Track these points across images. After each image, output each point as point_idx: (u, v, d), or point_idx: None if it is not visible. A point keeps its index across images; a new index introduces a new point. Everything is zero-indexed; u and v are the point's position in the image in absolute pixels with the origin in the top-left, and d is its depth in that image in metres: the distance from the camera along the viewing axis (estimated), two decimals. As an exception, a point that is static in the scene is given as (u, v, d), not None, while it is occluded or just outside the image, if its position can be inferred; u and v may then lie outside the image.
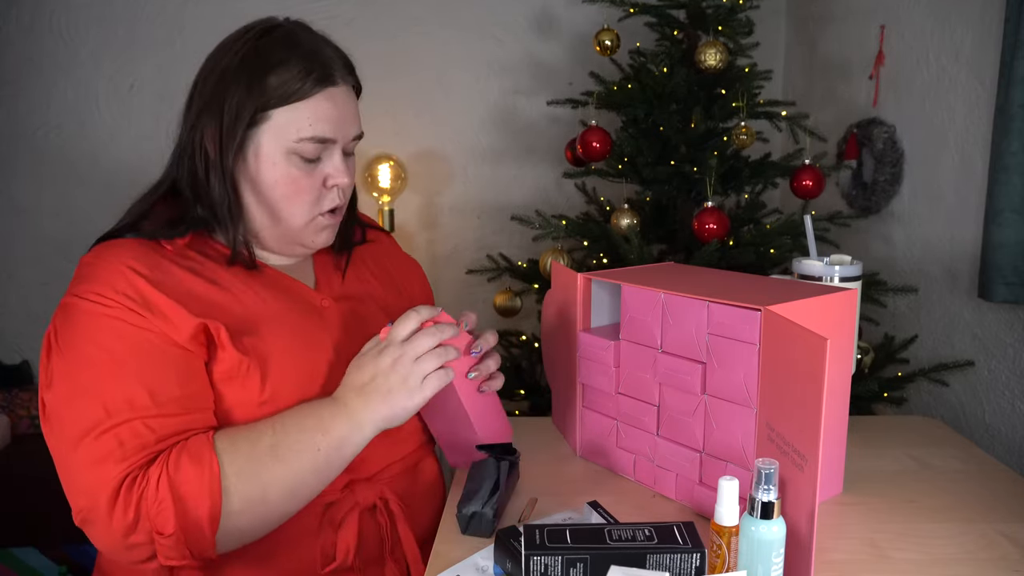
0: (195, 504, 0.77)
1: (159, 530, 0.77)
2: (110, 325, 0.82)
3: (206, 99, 0.89)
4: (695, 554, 0.71)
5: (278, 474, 0.81)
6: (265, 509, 0.81)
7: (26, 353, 2.60)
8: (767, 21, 2.44)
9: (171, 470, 0.78)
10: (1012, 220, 1.50)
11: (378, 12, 2.50)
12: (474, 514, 0.86)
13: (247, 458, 0.80)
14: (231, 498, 0.79)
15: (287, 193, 0.90)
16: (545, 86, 2.59)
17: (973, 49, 1.72)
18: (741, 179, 1.87)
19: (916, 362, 1.87)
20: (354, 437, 0.84)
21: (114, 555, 0.81)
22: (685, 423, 0.92)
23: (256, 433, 0.82)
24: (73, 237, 2.55)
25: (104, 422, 0.79)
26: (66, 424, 0.80)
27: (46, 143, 2.50)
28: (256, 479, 0.80)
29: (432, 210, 2.66)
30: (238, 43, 0.90)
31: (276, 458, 0.81)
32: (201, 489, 0.77)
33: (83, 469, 0.78)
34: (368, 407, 0.84)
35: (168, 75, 2.48)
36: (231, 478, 0.79)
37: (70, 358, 0.82)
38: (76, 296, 0.85)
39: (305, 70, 0.87)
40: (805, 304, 0.85)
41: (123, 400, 0.80)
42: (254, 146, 0.89)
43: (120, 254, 0.88)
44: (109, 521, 0.77)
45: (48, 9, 2.44)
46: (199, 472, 0.78)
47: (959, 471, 1.03)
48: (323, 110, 0.89)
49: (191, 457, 0.79)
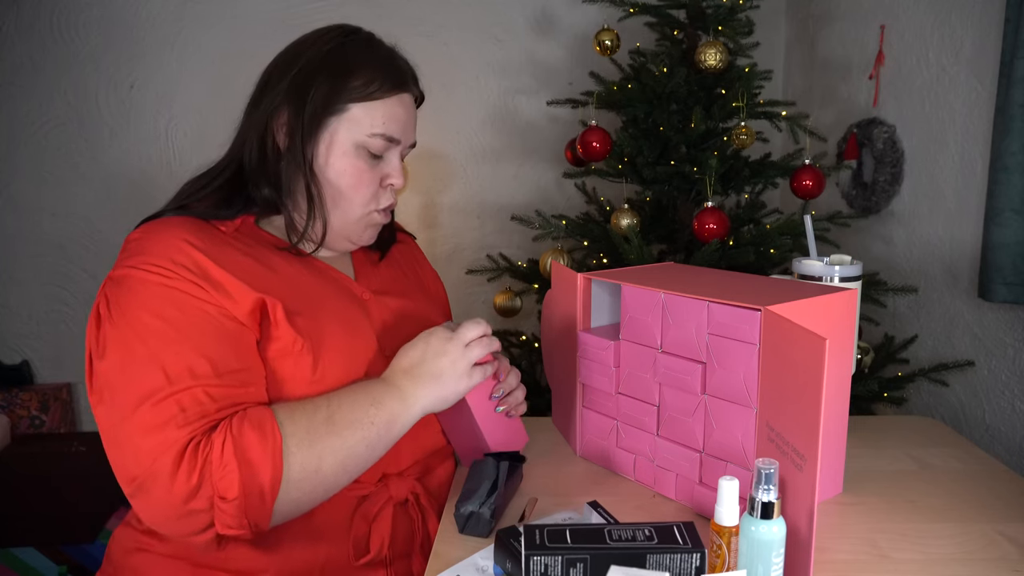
0: (259, 469, 0.78)
1: (222, 494, 0.77)
2: (169, 295, 0.83)
3: (285, 88, 0.92)
4: (695, 554, 0.71)
5: (334, 445, 0.82)
6: (319, 479, 0.82)
7: (26, 353, 2.61)
8: (767, 21, 2.45)
9: (235, 435, 0.78)
10: (1012, 220, 1.50)
11: (379, 13, 2.50)
12: (472, 514, 0.86)
13: (306, 429, 0.82)
14: (291, 466, 0.80)
15: (352, 183, 0.95)
16: (545, 86, 2.59)
17: (973, 49, 1.72)
18: (741, 179, 1.87)
19: (916, 362, 1.87)
20: (404, 415, 0.87)
21: (168, 524, 0.79)
22: (685, 423, 0.92)
23: (312, 406, 0.84)
24: (73, 237, 2.56)
25: (164, 388, 0.78)
26: (121, 392, 0.79)
27: (46, 143, 2.51)
28: (313, 449, 0.81)
29: (432, 210, 2.66)
30: (321, 41, 0.95)
31: (332, 430, 0.83)
32: (264, 455, 0.78)
33: (140, 435, 0.78)
34: (417, 387, 0.88)
35: (168, 75, 2.48)
36: (291, 447, 0.80)
37: (126, 327, 0.81)
38: (131, 267, 0.85)
39: (384, 74, 0.94)
40: (805, 304, 0.85)
41: (184, 368, 0.80)
42: (329, 134, 0.93)
43: (174, 229, 0.88)
44: (171, 486, 0.76)
45: (48, 9, 2.44)
46: (262, 439, 0.79)
47: (959, 471, 1.03)
48: (395, 112, 0.95)
49: (253, 425, 0.79)
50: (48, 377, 2.62)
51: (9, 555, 2.15)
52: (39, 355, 2.61)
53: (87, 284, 2.59)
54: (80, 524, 2.21)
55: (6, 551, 2.16)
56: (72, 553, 2.18)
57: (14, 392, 2.48)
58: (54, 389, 2.54)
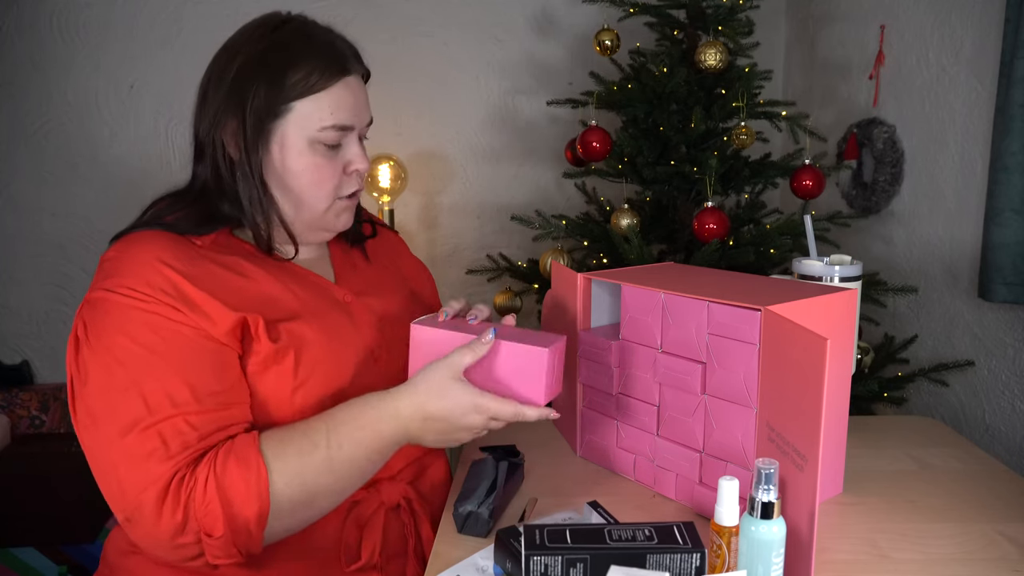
0: (242, 507, 0.77)
1: (207, 532, 0.77)
2: (145, 319, 0.81)
3: (223, 97, 0.89)
4: (695, 554, 0.71)
5: (329, 484, 0.82)
6: (312, 511, 0.83)
7: (26, 353, 2.61)
8: (767, 21, 2.44)
9: (219, 472, 0.77)
10: (1012, 220, 1.50)
11: (378, 12, 2.50)
12: (470, 513, 0.86)
13: (296, 463, 0.81)
14: (279, 502, 0.79)
15: (313, 180, 0.92)
16: (545, 86, 2.59)
17: (973, 49, 1.72)
18: (741, 179, 1.87)
19: (916, 362, 1.87)
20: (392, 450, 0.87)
21: (160, 553, 0.80)
22: (685, 423, 0.92)
23: (309, 444, 0.82)
24: (73, 237, 2.56)
25: (145, 419, 0.78)
26: (104, 421, 0.79)
27: (46, 143, 2.50)
28: (305, 488, 0.81)
29: (432, 210, 2.66)
30: (251, 40, 0.90)
31: (330, 471, 0.82)
32: (249, 493, 0.77)
33: (125, 467, 0.77)
34: (426, 435, 0.87)
35: (168, 75, 2.48)
36: (279, 484, 0.79)
37: (104, 352, 0.80)
38: (106, 291, 0.83)
39: (323, 62, 0.89)
40: (805, 304, 0.85)
41: (163, 395, 0.79)
42: (278, 137, 0.90)
43: (150, 247, 0.86)
44: (157, 521, 0.76)
45: (48, 9, 2.44)
46: (246, 475, 0.78)
47: (959, 471, 1.03)
48: (342, 99, 0.91)
49: (238, 459, 0.78)
50: (48, 377, 2.62)
51: (9, 555, 2.15)
52: (39, 355, 2.61)
53: (87, 284, 2.57)
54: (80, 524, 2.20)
55: (6, 551, 2.16)
56: (72, 553, 2.18)
57: (14, 392, 2.48)
58: (54, 389, 2.53)
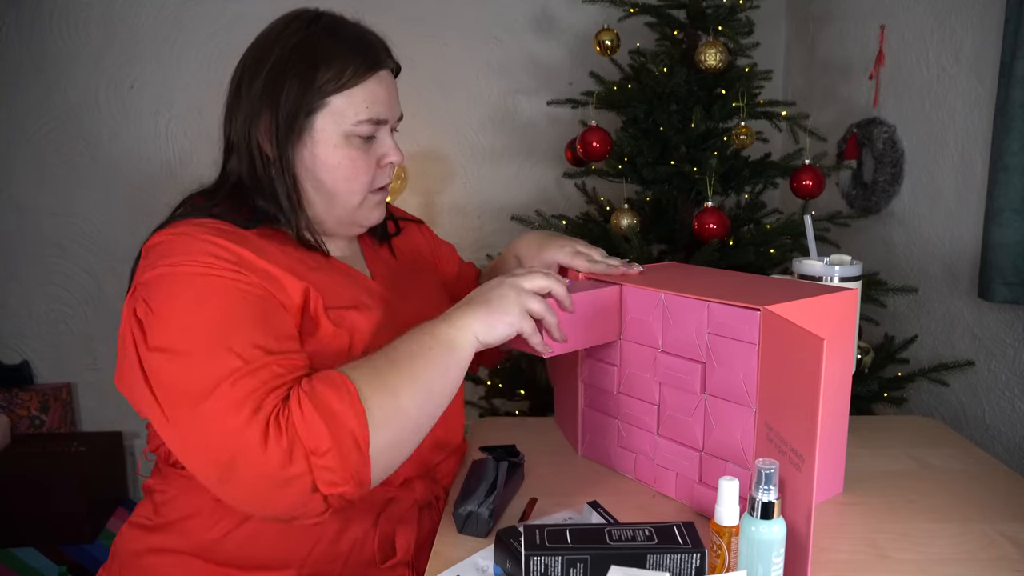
0: (343, 416, 0.76)
1: (314, 449, 0.75)
2: (217, 283, 0.81)
3: (257, 94, 0.90)
4: (695, 554, 0.71)
5: (403, 377, 0.81)
6: (403, 415, 0.80)
7: (26, 353, 2.61)
8: (767, 21, 2.44)
9: (309, 392, 0.77)
10: (1012, 220, 1.50)
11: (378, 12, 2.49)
12: (470, 514, 0.86)
13: (370, 372, 0.80)
14: (371, 408, 0.78)
15: (348, 174, 0.93)
16: (545, 86, 2.59)
17: (973, 49, 1.72)
18: (741, 179, 1.87)
19: (916, 362, 1.87)
20: (459, 339, 0.84)
21: (269, 500, 0.77)
22: (685, 422, 0.92)
23: (370, 356, 0.84)
24: (73, 237, 2.56)
25: (240, 368, 0.77)
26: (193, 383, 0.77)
27: (46, 143, 2.51)
28: (386, 386, 0.79)
29: (432, 210, 2.66)
30: (283, 36, 0.91)
31: (394, 365, 0.81)
32: (343, 403, 0.77)
33: (222, 417, 0.75)
34: (467, 314, 0.85)
35: (168, 75, 2.48)
36: (364, 390, 0.78)
37: (183, 319, 0.79)
38: (171, 266, 0.82)
39: (357, 58, 0.90)
40: (805, 304, 0.85)
41: (253, 347, 0.79)
42: (313, 133, 0.91)
43: (202, 229, 0.85)
44: (263, 456, 0.74)
45: (48, 9, 2.44)
46: (336, 389, 0.78)
47: (959, 471, 1.03)
48: (376, 92, 0.93)
49: (322, 380, 0.79)
50: (48, 377, 2.62)
51: (9, 555, 2.15)
52: (39, 355, 2.61)
53: (87, 284, 2.59)
54: (80, 524, 2.21)
55: (6, 551, 2.16)
56: (72, 553, 2.18)
57: (14, 392, 2.48)
58: (54, 389, 2.54)
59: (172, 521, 0.90)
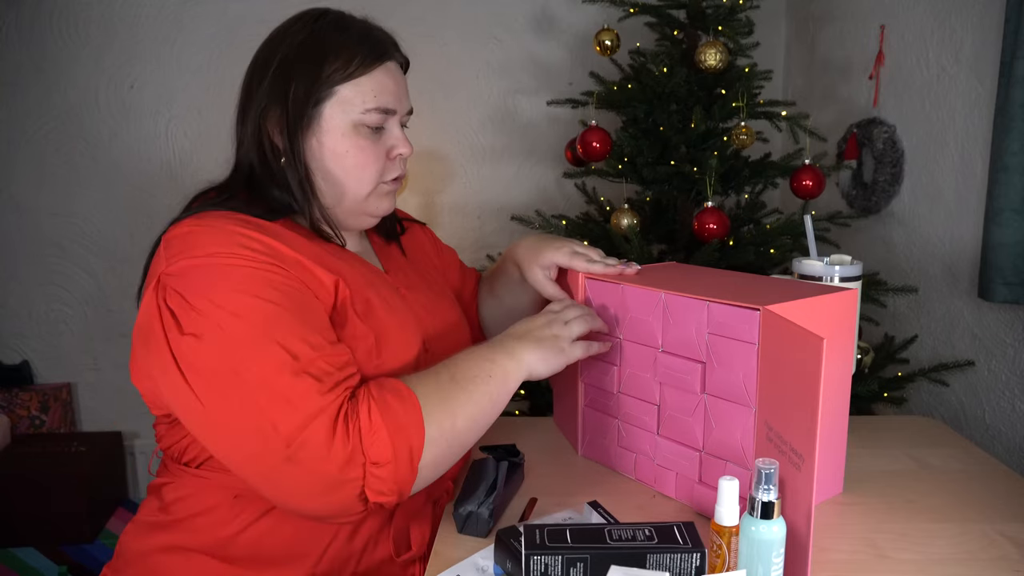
0: (406, 433, 0.78)
1: (375, 460, 0.76)
2: (254, 275, 0.81)
3: (267, 89, 0.91)
4: (695, 554, 0.71)
5: (462, 400, 0.84)
6: (455, 435, 0.83)
7: (26, 353, 2.61)
8: (767, 21, 2.45)
9: (379, 402, 0.78)
10: (1012, 220, 1.50)
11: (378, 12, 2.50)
12: (470, 514, 0.86)
13: (435, 388, 0.83)
14: (430, 425, 0.80)
15: (357, 163, 0.93)
16: (545, 86, 2.59)
17: (973, 49, 1.72)
18: (741, 179, 1.87)
19: (916, 362, 1.87)
20: (515, 371, 0.89)
21: (316, 498, 0.77)
22: (685, 422, 0.92)
23: (433, 370, 0.86)
24: (73, 237, 2.56)
25: (290, 364, 0.76)
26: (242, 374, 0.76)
27: (46, 143, 2.51)
28: (446, 406, 0.82)
29: (432, 210, 2.66)
30: (291, 32, 0.93)
31: (458, 386, 0.84)
32: (408, 418, 0.79)
33: (280, 410, 0.75)
34: (524, 348, 0.90)
35: (168, 75, 2.48)
36: (427, 407, 0.81)
37: (222, 313, 0.78)
38: (200, 258, 0.81)
39: (363, 49, 0.92)
40: (805, 304, 0.85)
41: (301, 341, 0.78)
42: (321, 122, 0.91)
43: (226, 219, 0.85)
44: (327, 454, 0.74)
45: (48, 9, 2.44)
46: (402, 402, 0.79)
47: (959, 471, 1.03)
48: (384, 82, 0.94)
49: (392, 392, 0.80)
50: (48, 377, 2.62)
51: (9, 555, 2.15)
52: (39, 355, 2.61)
53: (87, 284, 2.59)
54: (80, 524, 2.21)
55: (6, 551, 2.16)
56: (72, 553, 2.18)
57: (14, 392, 2.48)
58: (54, 389, 2.54)
59: (182, 519, 0.89)
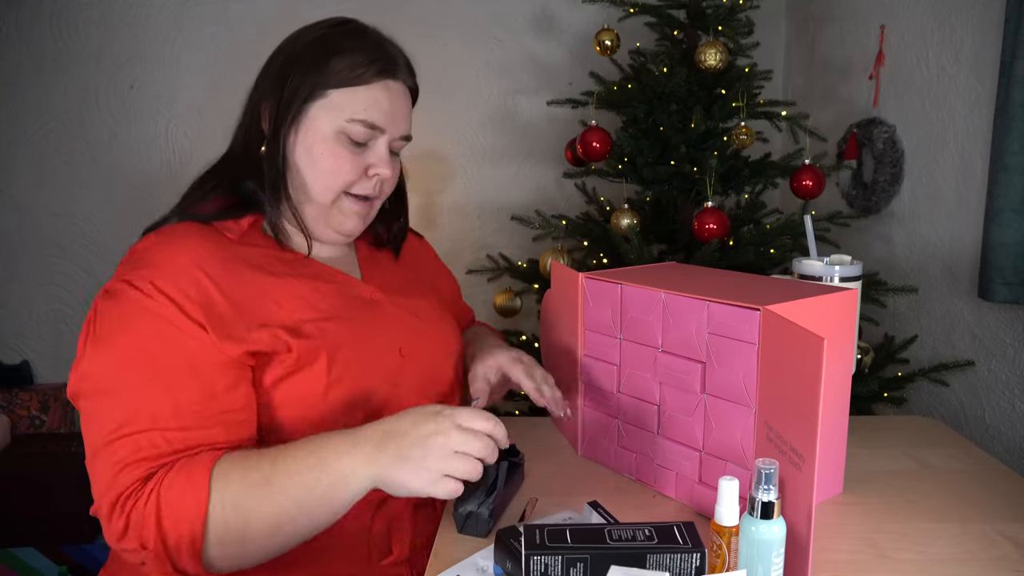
0: (174, 528, 0.76)
1: (142, 543, 0.77)
2: (152, 322, 0.81)
3: (270, 80, 0.93)
4: (695, 554, 0.71)
5: (262, 506, 0.77)
6: (251, 538, 0.78)
7: (26, 353, 2.61)
8: (767, 21, 2.44)
9: (162, 489, 0.77)
10: (1012, 220, 1.50)
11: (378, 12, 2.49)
12: (470, 514, 0.86)
13: (237, 484, 0.77)
14: (212, 528, 0.77)
15: (329, 169, 0.92)
16: (545, 86, 2.59)
17: (973, 49, 1.72)
18: (741, 179, 1.87)
19: (916, 362, 1.87)
20: (355, 484, 0.77)
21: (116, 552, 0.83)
22: (685, 422, 0.92)
23: (255, 462, 0.79)
24: (73, 237, 2.56)
25: (125, 427, 0.79)
26: (96, 419, 0.81)
27: (46, 143, 2.51)
28: (239, 508, 0.77)
29: (432, 210, 2.66)
30: (308, 32, 0.95)
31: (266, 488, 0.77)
32: (184, 514, 0.76)
33: (102, 469, 0.79)
34: (383, 458, 0.76)
35: (168, 75, 2.48)
36: (217, 503, 0.77)
37: (108, 352, 0.81)
38: (127, 283, 0.82)
39: (369, 59, 0.92)
40: (805, 304, 0.85)
41: (147, 405, 0.79)
42: (306, 120, 0.91)
43: (186, 245, 0.86)
44: (108, 523, 0.79)
45: (48, 9, 2.44)
46: (187, 496, 0.76)
47: (959, 471, 1.03)
48: (379, 99, 0.93)
49: (187, 477, 0.77)
50: (48, 377, 2.62)
51: (9, 555, 2.15)
52: (39, 355, 2.61)
53: (87, 284, 2.59)
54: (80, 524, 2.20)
55: (6, 551, 2.16)
56: (72, 553, 2.18)
57: (14, 392, 2.48)
58: (54, 389, 2.53)
59: None
